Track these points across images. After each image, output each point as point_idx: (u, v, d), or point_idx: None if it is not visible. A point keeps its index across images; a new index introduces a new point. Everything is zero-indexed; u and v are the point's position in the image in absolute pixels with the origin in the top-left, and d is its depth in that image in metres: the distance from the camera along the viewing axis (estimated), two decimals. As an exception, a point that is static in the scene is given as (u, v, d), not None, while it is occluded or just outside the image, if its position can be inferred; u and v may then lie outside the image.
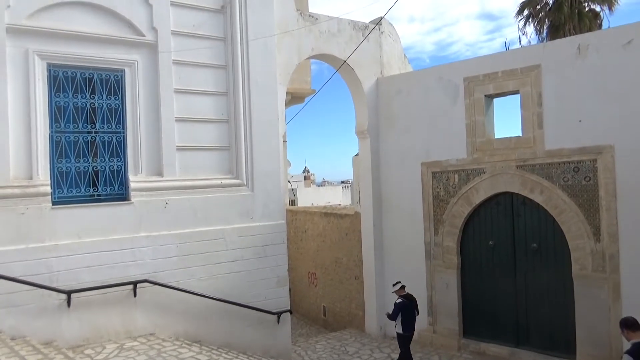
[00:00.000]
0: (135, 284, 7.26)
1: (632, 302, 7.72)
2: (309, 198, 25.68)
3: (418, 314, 8.29)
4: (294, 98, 16.17)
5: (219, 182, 8.40)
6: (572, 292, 8.34)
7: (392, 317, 8.17)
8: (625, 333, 5.10)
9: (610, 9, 17.66)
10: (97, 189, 7.42)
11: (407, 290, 8.35)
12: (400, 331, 8.13)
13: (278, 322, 8.70)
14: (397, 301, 8.15)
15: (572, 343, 8.32)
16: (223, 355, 7.11)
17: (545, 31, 19.07)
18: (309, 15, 9.93)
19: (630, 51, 7.72)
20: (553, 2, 17.96)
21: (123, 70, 7.61)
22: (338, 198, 27.86)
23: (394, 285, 8.40)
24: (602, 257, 8.00)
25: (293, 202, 21.55)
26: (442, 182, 9.90)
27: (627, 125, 7.73)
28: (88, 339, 6.91)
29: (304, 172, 50.39)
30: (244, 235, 8.50)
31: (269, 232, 8.77)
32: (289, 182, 19.07)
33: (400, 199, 10.55)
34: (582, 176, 8.19)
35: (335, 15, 10.19)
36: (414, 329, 8.19)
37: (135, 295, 7.27)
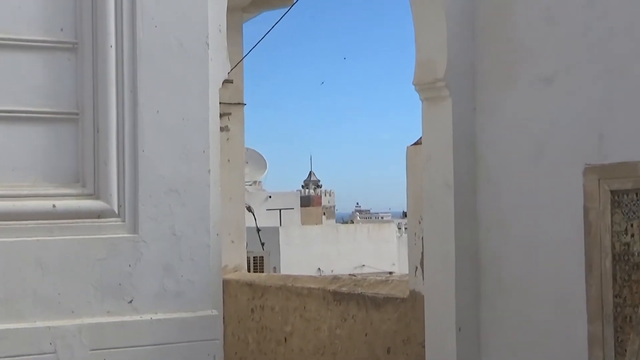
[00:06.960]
0: None
1: None
2: (314, 253, 17.27)
3: None
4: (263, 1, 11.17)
5: (48, 205, 5.12)
6: None
7: None
8: None
9: None
10: None
11: None
12: None
13: None
14: None
15: None
16: None
17: None
18: None
19: None
20: None
21: None
22: (391, 255, 19.35)
23: None
24: None
25: (260, 263, 12.79)
26: (637, 217, 5.64)
27: None
28: None
29: (306, 186, 35.84)
30: (110, 348, 5.04)
31: (176, 341, 5.26)
32: (248, 209, 11.21)
33: (529, 257, 6.17)
34: None
35: None
36: None
37: None
